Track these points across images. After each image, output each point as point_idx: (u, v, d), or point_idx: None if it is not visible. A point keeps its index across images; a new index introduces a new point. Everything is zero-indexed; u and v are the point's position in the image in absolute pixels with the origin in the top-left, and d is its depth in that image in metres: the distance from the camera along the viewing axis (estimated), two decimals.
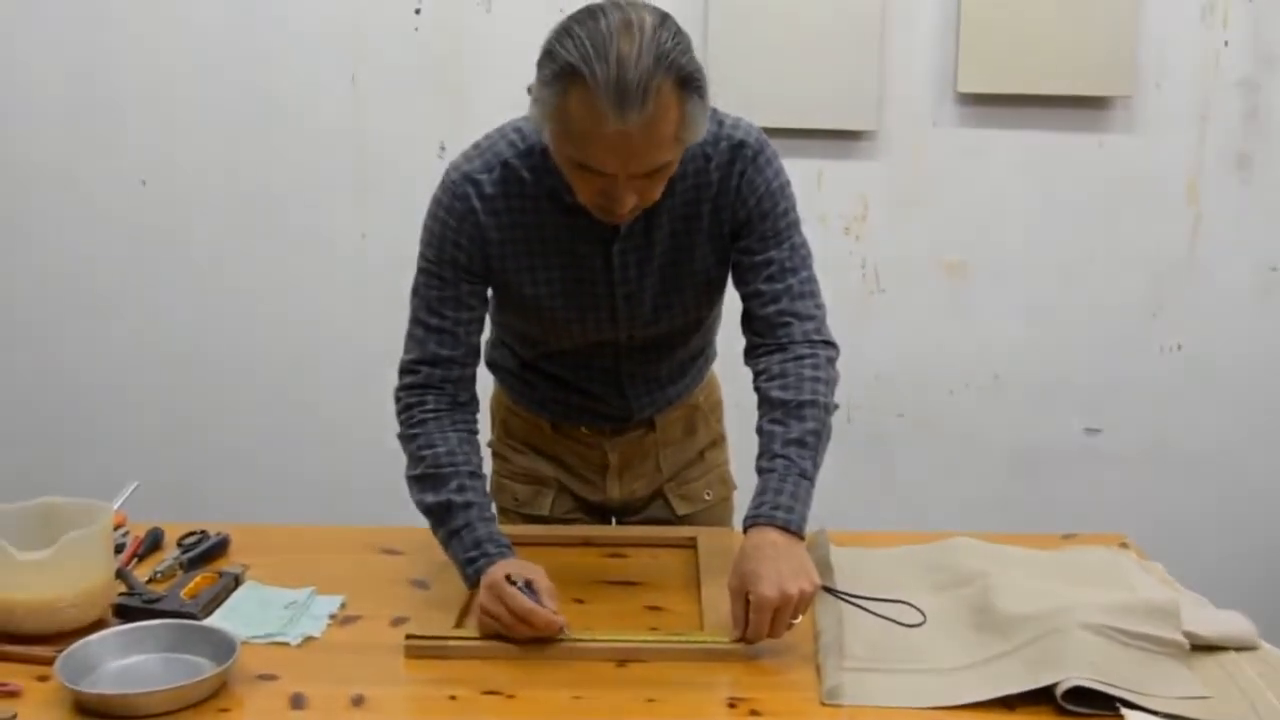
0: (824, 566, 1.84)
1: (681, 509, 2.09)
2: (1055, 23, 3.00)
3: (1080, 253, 3.18)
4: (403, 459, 1.83)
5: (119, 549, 1.89)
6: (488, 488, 1.82)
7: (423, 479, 1.76)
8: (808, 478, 1.70)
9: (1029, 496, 3.28)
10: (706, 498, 2.12)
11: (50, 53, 3.14)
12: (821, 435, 1.73)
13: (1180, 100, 3.11)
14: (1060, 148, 3.12)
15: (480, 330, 1.82)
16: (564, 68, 1.53)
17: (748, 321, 1.82)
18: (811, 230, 1.87)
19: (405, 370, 1.82)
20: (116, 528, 1.92)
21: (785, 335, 1.77)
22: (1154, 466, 3.29)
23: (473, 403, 1.83)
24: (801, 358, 1.76)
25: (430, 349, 1.78)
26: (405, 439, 1.80)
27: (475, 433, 1.81)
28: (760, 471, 1.71)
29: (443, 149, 3.13)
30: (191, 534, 1.97)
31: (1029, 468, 3.29)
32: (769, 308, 1.78)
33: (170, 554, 1.91)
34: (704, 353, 2.08)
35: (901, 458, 3.28)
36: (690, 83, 1.56)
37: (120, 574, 1.79)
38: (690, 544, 1.96)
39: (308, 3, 3.09)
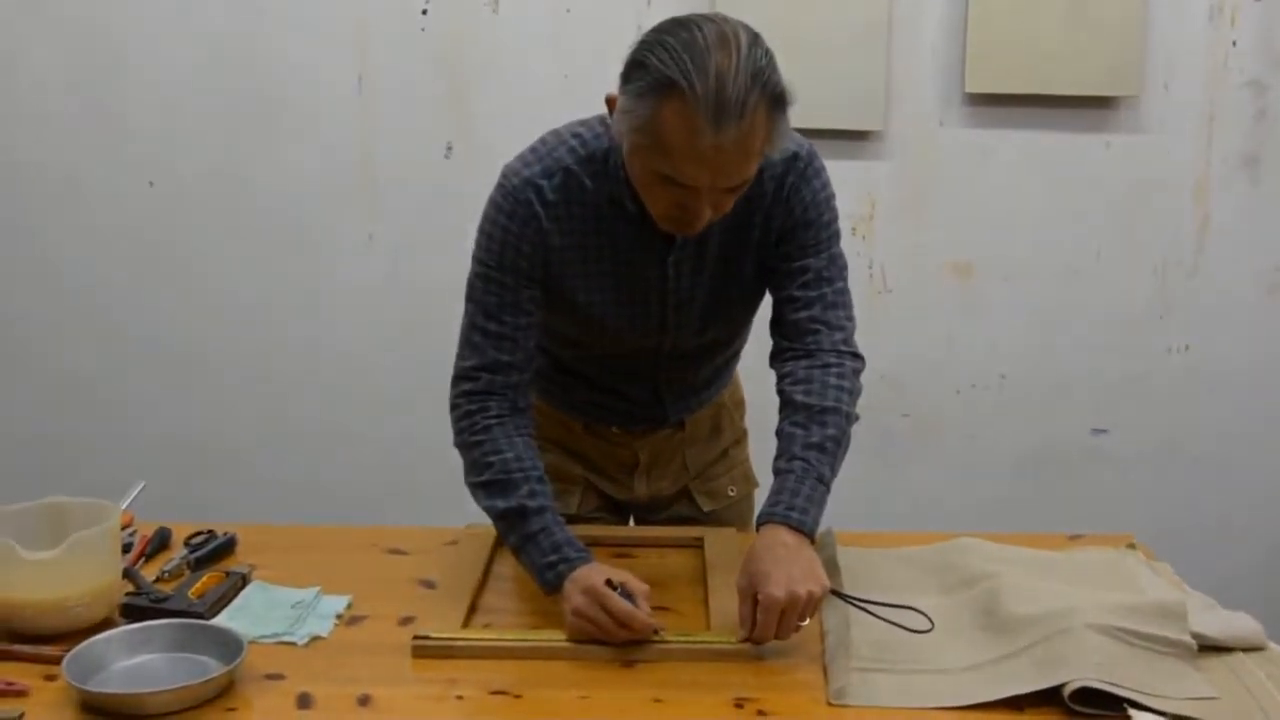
0: (831, 568, 1.84)
1: (706, 505, 2.10)
2: (1063, 23, 3.00)
3: (1087, 253, 3.18)
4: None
5: (126, 548, 1.89)
6: None
7: (490, 485, 1.74)
8: (824, 483, 1.70)
9: (1036, 497, 3.28)
10: (730, 494, 2.13)
11: (56, 54, 3.14)
12: (841, 443, 1.74)
13: (1188, 101, 3.10)
14: (1068, 148, 3.11)
15: (536, 335, 1.80)
16: (661, 80, 1.51)
17: (778, 325, 1.83)
18: None
19: (464, 377, 1.79)
20: (124, 527, 1.92)
21: (814, 342, 1.78)
22: (1161, 467, 3.28)
23: (529, 409, 1.82)
24: (828, 366, 1.77)
25: (490, 355, 1.76)
26: (468, 446, 1.77)
27: (535, 438, 1.80)
28: (777, 472, 1.71)
29: (449, 150, 3.13)
30: (199, 534, 1.97)
31: (1036, 468, 3.29)
32: (801, 313, 1.79)
33: (177, 553, 1.91)
34: (736, 356, 2.09)
35: (908, 458, 3.28)
36: (781, 102, 1.57)
37: (128, 573, 1.79)
38: (698, 544, 1.96)
39: (313, 3, 3.09)
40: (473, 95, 3.11)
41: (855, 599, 1.68)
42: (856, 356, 1.82)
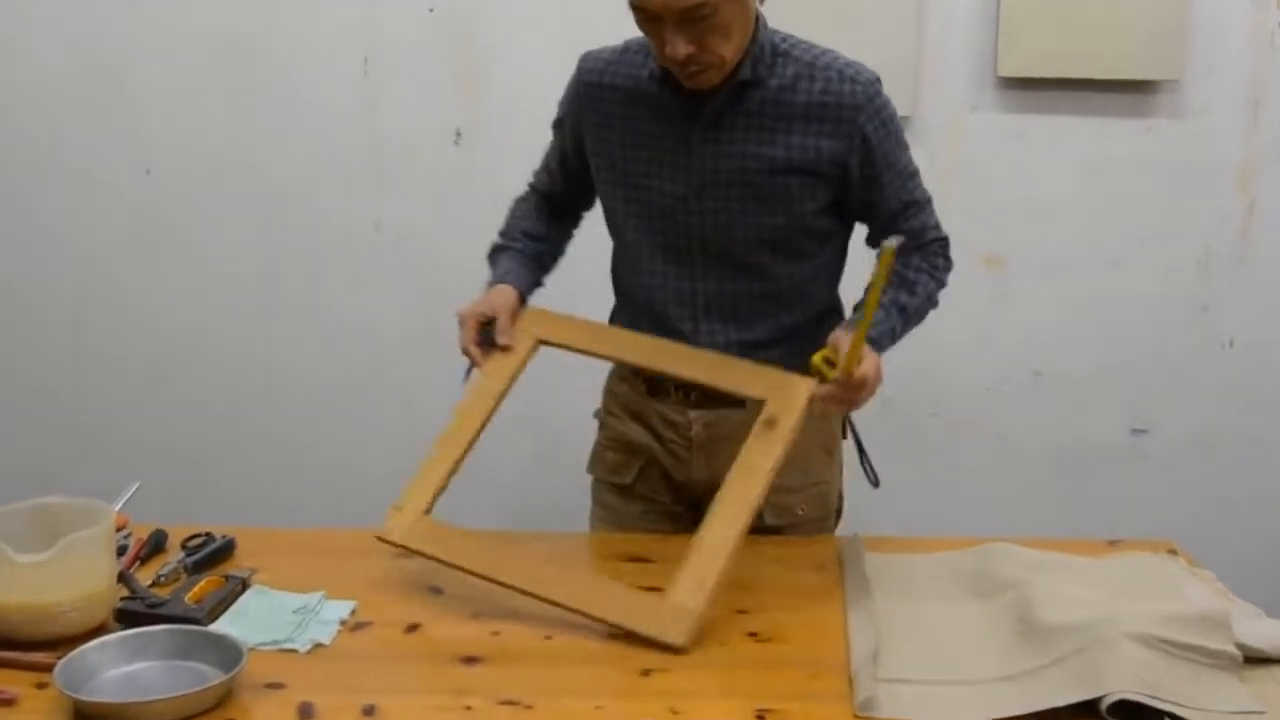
0: (858, 574, 1.83)
1: (770, 518, 2.06)
2: (1101, 3, 2.98)
3: (1126, 243, 3.16)
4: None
5: (121, 551, 1.90)
6: (589, 447, 2.21)
7: (500, 234, 2.14)
8: (895, 336, 1.98)
9: (1072, 500, 3.26)
10: (799, 513, 2.11)
11: (54, 38, 3.15)
12: (920, 312, 2.04)
13: (1231, 84, 3.08)
14: (1106, 134, 3.10)
15: (574, 190, 2.15)
16: None
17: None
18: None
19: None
20: (118, 529, 1.93)
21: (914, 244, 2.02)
22: (1204, 468, 3.26)
23: (558, 217, 2.19)
24: (926, 259, 2.04)
25: (543, 183, 2.19)
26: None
27: (555, 220, 2.18)
28: (859, 304, 1.90)
29: (458, 136, 3.13)
30: (196, 536, 1.97)
31: (1072, 469, 3.27)
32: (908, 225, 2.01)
33: (174, 557, 1.92)
34: (804, 318, 2.06)
35: (937, 458, 3.27)
36: None
37: (122, 577, 1.79)
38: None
39: None
40: (482, 81, 3.11)
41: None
42: (945, 241, 2.07)
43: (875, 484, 2.11)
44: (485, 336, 1.99)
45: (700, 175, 1.94)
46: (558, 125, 2.11)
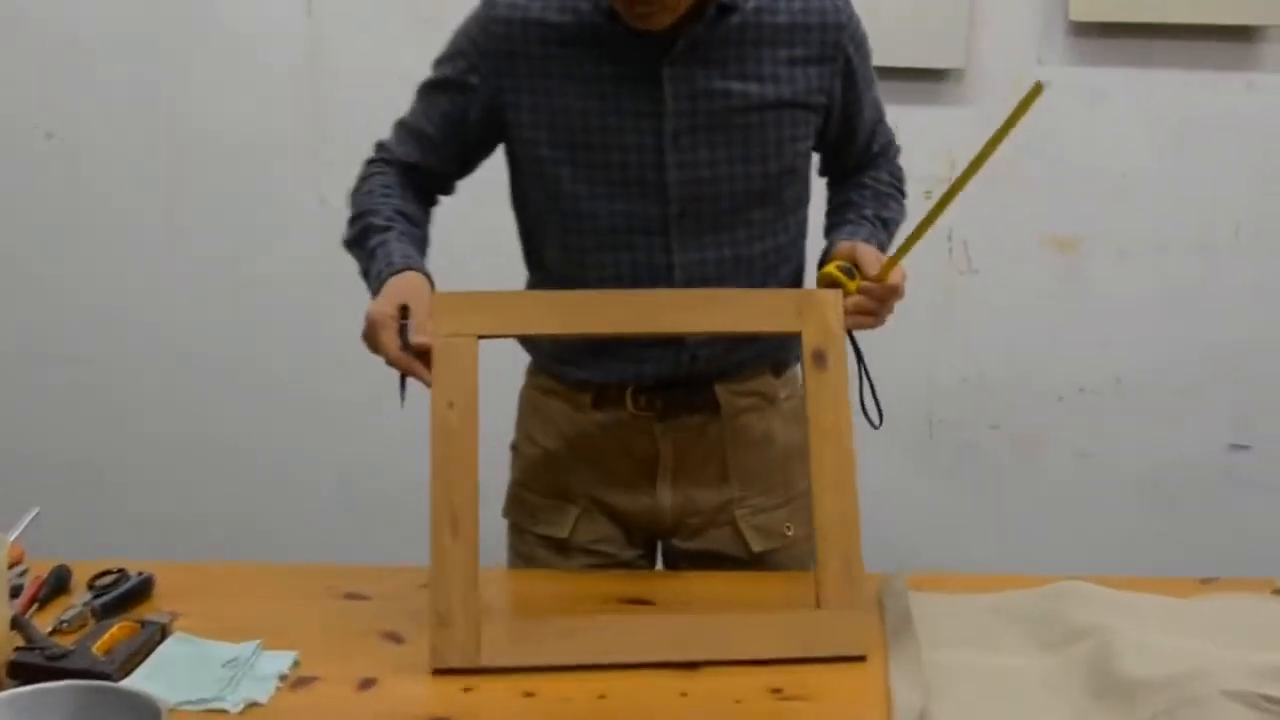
0: (901, 618, 1.83)
1: (756, 543, 2.09)
2: None
3: (1224, 225, 3.17)
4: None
5: (15, 592, 1.89)
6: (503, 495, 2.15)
7: (352, 218, 2.07)
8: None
9: (1159, 530, 3.27)
10: (787, 532, 2.12)
11: None
12: (897, 225, 2.14)
13: None
14: (1199, 91, 3.11)
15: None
16: None
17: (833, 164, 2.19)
18: None
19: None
20: (12, 565, 1.92)
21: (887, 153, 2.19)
22: None
23: (423, 195, 2.12)
24: (894, 172, 2.19)
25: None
26: (352, 196, 2.10)
27: (419, 202, 2.10)
28: (841, 224, 2.07)
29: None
30: (106, 573, 1.97)
31: (1159, 493, 3.28)
32: (861, 158, 2.16)
33: (79, 598, 1.91)
34: (775, 283, 2.09)
35: (998, 481, 3.27)
36: None
37: (17, 623, 1.79)
38: None
39: None
40: (442, 25, 3.10)
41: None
42: (899, 149, 2.22)
43: (878, 422, 2.03)
44: (403, 339, 1.88)
45: (676, 120, 1.92)
46: (447, 85, 2.04)
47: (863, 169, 2.16)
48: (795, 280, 2.12)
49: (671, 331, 1.94)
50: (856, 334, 1.93)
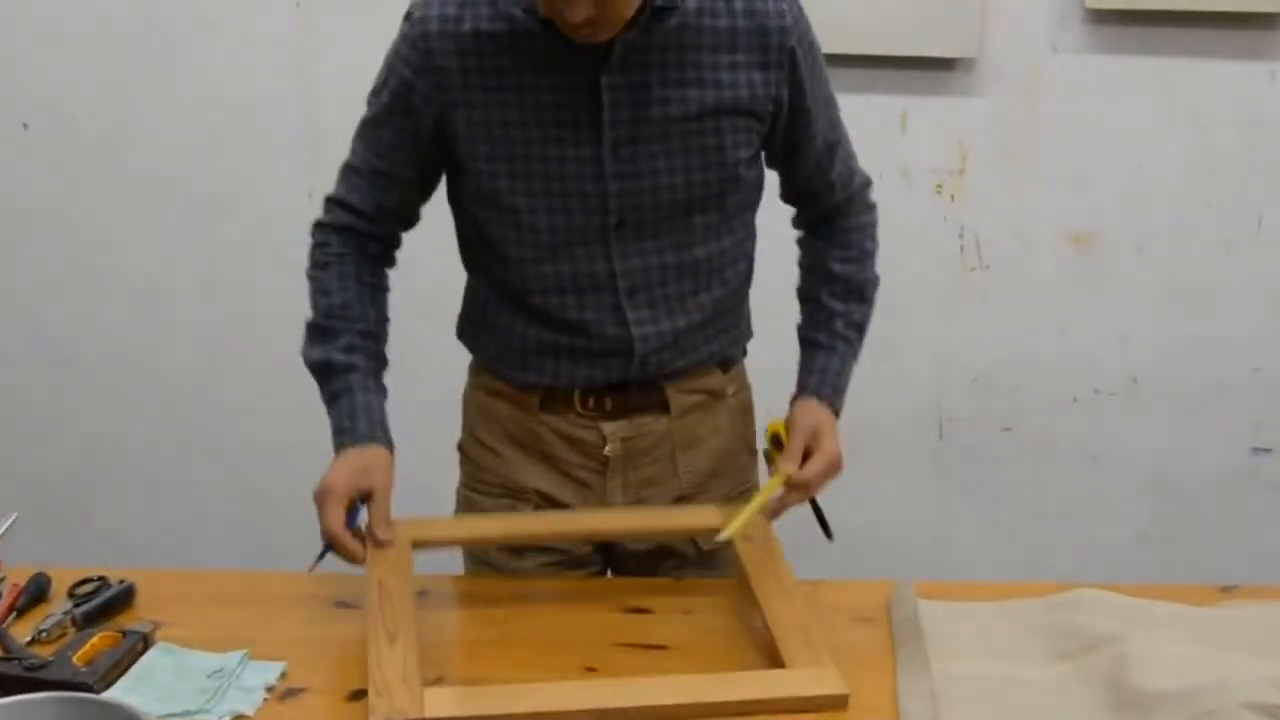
0: (909, 628, 1.84)
1: (705, 541, 2.10)
2: None
3: (1245, 219, 3.17)
4: None
5: None
6: (456, 450, 2.20)
7: (311, 330, 2.06)
8: (852, 366, 2.12)
9: (1178, 536, 3.27)
10: None
11: None
12: (870, 313, 2.15)
13: None
14: (1220, 81, 3.10)
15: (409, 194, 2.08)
16: None
17: (792, 187, 2.15)
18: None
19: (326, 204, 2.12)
20: None
21: (843, 197, 2.14)
22: None
23: (384, 259, 2.12)
24: (864, 228, 2.16)
25: (355, 193, 2.09)
26: (308, 279, 2.10)
27: (380, 289, 2.10)
28: (815, 344, 2.11)
29: None
30: (87, 581, 1.97)
31: (1177, 498, 3.28)
32: (821, 180, 2.12)
33: (59, 607, 1.91)
34: (723, 295, 2.10)
35: (1010, 485, 3.27)
36: None
37: None
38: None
39: None
40: None
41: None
42: (873, 206, 2.19)
43: (829, 536, 2.09)
44: (350, 518, 1.92)
45: (614, 130, 1.92)
46: (389, 114, 2.01)
47: (830, 220, 2.16)
48: (744, 283, 2.14)
49: (606, 532, 2.12)
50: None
